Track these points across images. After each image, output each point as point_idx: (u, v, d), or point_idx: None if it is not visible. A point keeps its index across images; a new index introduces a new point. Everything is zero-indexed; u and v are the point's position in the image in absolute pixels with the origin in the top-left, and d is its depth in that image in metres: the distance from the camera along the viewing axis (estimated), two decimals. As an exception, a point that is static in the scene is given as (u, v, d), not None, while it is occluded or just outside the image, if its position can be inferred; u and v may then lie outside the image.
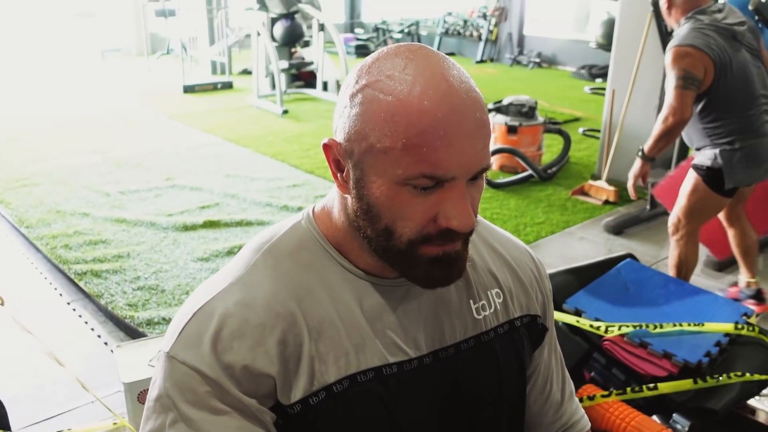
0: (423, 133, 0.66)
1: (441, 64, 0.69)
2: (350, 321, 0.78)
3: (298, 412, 0.75)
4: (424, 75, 0.67)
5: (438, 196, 0.69)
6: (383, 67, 0.70)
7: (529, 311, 0.94)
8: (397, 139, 0.66)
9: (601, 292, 2.22)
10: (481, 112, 0.69)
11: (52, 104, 7.39)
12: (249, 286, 0.77)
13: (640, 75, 4.20)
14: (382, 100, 0.67)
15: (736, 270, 3.32)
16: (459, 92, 0.68)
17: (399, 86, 0.67)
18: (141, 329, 2.62)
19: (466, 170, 0.69)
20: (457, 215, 0.70)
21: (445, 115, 0.66)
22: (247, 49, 9.29)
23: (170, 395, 0.73)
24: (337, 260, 0.80)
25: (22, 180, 4.55)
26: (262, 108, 7.25)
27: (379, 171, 0.69)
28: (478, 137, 0.68)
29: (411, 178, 0.68)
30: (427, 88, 0.66)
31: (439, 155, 0.66)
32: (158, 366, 0.76)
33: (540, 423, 1.02)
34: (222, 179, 4.66)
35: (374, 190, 0.70)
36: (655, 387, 1.83)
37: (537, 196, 4.40)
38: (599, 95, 7.66)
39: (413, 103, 0.66)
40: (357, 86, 0.71)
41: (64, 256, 3.29)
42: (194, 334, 0.74)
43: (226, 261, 3.25)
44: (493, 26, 11.75)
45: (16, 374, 2.38)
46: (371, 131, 0.68)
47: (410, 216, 0.70)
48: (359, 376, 0.77)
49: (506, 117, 4.94)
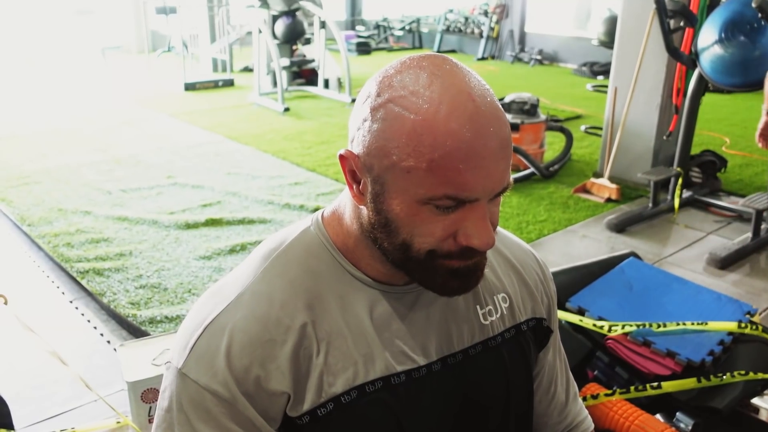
0: (448, 155, 0.65)
1: (466, 81, 0.68)
2: (359, 330, 0.78)
3: (306, 423, 0.75)
4: (450, 93, 0.66)
5: (459, 215, 0.69)
6: (406, 82, 0.68)
7: (535, 314, 0.94)
8: (422, 160, 0.66)
9: (604, 291, 2.22)
10: (505, 132, 0.68)
11: (52, 102, 7.38)
12: (258, 297, 0.76)
13: (643, 72, 4.19)
14: (407, 118, 0.66)
15: (738, 268, 3.32)
16: (485, 113, 0.67)
17: (425, 105, 0.66)
18: (143, 328, 2.62)
19: (490, 191, 0.69)
20: (478, 234, 0.70)
21: (472, 137, 0.65)
22: (248, 46, 9.27)
23: (185, 411, 0.73)
24: (347, 268, 0.80)
25: (24, 178, 4.54)
26: (264, 106, 7.24)
27: (400, 189, 0.69)
28: (502, 158, 0.68)
29: (434, 198, 0.67)
30: (454, 109, 0.65)
31: (464, 177, 0.66)
32: (169, 379, 0.76)
33: (545, 423, 1.02)
34: (223, 177, 4.66)
35: (394, 206, 0.70)
36: (659, 386, 1.83)
37: (539, 194, 4.39)
38: (601, 93, 7.65)
39: (440, 124, 0.65)
40: (379, 100, 0.69)
41: (66, 254, 3.29)
42: (206, 351, 0.74)
43: (229, 259, 3.27)
44: (494, 23, 11.73)
45: (19, 373, 2.38)
46: (394, 149, 0.67)
47: (431, 233, 0.70)
48: (367, 387, 0.77)
49: (508, 115, 4.92)
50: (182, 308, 2.79)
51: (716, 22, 3.50)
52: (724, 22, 3.45)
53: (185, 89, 8.18)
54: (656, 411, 1.84)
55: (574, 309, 2.15)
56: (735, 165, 5.02)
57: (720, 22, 3.47)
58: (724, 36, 3.46)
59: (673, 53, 3.85)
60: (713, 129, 6.22)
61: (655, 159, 4.44)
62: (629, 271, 2.33)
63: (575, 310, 2.15)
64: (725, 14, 3.46)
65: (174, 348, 0.78)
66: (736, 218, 3.96)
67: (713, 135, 6.02)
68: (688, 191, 4.18)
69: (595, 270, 2.34)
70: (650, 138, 4.41)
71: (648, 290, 2.24)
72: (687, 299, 2.18)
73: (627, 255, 2.45)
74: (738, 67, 3.48)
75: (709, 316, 2.06)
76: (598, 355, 2.03)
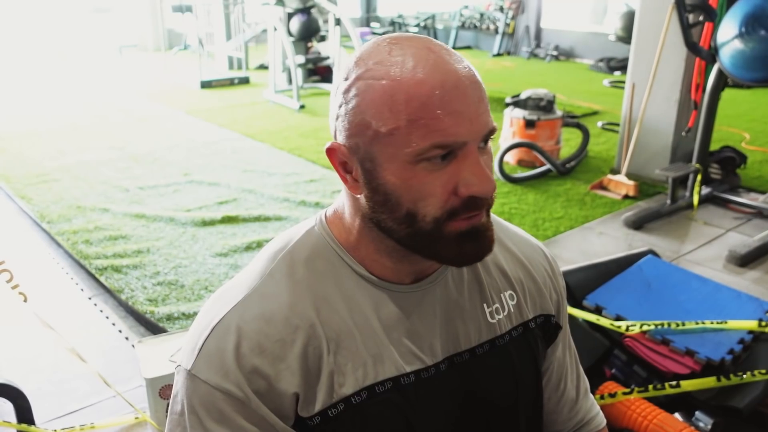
0: (424, 105, 0.66)
1: (422, 40, 0.71)
2: (367, 331, 0.77)
3: (317, 424, 0.75)
4: (411, 51, 0.68)
5: (454, 166, 0.69)
6: (369, 57, 0.70)
7: (543, 311, 0.93)
8: (400, 118, 0.67)
9: (622, 289, 2.20)
10: (473, 74, 0.70)
11: (69, 100, 7.45)
12: (266, 298, 0.76)
13: (661, 68, 4.14)
14: (377, 85, 0.68)
15: (758, 266, 3.28)
16: (449, 60, 0.69)
17: (391, 68, 0.68)
18: (161, 324, 2.64)
19: (475, 133, 0.68)
20: (477, 181, 0.69)
21: (441, 82, 0.66)
22: (264, 44, 9.29)
23: (197, 413, 0.73)
24: (353, 267, 0.79)
25: (42, 176, 4.59)
26: (279, 103, 7.26)
27: (389, 156, 0.69)
28: (478, 99, 0.69)
29: (423, 152, 0.67)
30: (418, 61, 0.67)
31: (444, 123, 0.66)
32: (179, 381, 0.76)
33: (555, 420, 1.02)
34: (239, 174, 4.68)
35: (389, 177, 0.70)
36: (678, 384, 1.81)
37: (555, 191, 4.36)
38: (618, 88, 7.58)
39: (407, 78, 0.66)
40: (347, 82, 0.71)
41: (84, 251, 3.32)
42: (215, 351, 0.73)
43: (245, 256, 3.28)
44: (509, 19, 11.66)
45: (39, 369, 2.41)
46: (372, 118, 0.68)
47: (431, 193, 0.69)
48: (377, 387, 0.76)
49: (524, 111, 4.91)
50: (199, 305, 2.81)
51: (736, 17, 3.45)
52: (744, 16, 3.41)
53: (201, 87, 8.22)
54: (675, 410, 1.82)
55: (591, 307, 2.13)
56: (755, 161, 4.96)
57: (740, 17, 3.42)
58: (745, 30, 3.41)
59: (692, 48, 3.81)
60: (732, 125, 6.15)
61: (673, 155, 4.39)
62: (647, 268, 2.31)
63: (592, 308, 2.13)
64: (746, 8, 3.41)
65: (183, 351, 0.78)
66: (756, 215, 3.91)
67: (732, 131, 5.94)
68: (707, 188, 4.13)
69: (612, 267, 2.32)
70: (668, 134, 4.36)
71: (666, 288, 2.21)
72: (706, 297, 2.16)
73: (645, 252, 2.43)
74: (759, 62, 3.43)
75: (729, 314, 2.04)
76: (616, 353, 2.01)
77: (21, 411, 1.92)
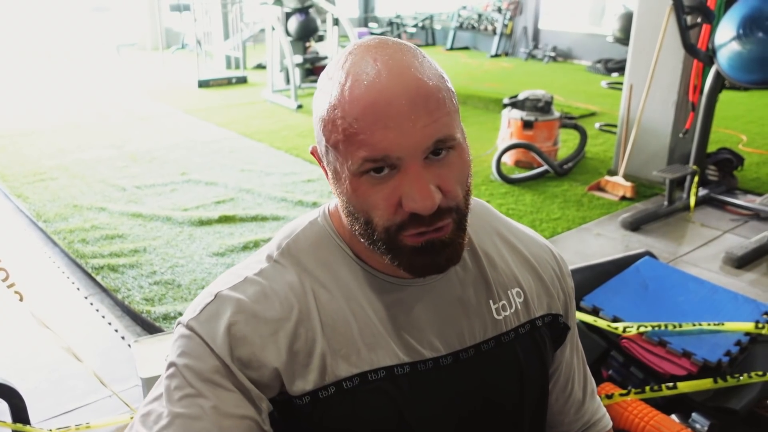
0: (357, 120, 0.67)
1: (378, 49, 0.70)
2: (364, 320, 0.78)
3: (305, 404, 0.76)
4: (357, 64, 0.69)
5: (396, 181, 0.69)
6: (329, 69, 0.73)
7: (551, 310, 0.93)
8: (339, 132, 0.69)
9: (620, 290, 2.20)
10: (418, 88, 0.68)
11: (68, 99, 7.44)
12: (268, 278, 0.79)
13: (659, 70, 4.15)
14: (324, 101, 0.71)
15: (755, 267, 3.29)
16: (390, 74, 0.68)
17: (335, 84, 0.70)
18: (158, 324, 2.64)
19: (411, 149, 0.68)
20: (416, 197, 0.68)
21: (375, 99, 0.67)
22: (262, 43, 9.29)
23: (177, 363, 0.75)
24: (353, 259, 0.81)
25: (39, 174, 4.58)
26: (277, 103, 7.25)
27: (340, 167, 0.72)
28: (417, 114, 0.67)
29: (358, 166, 0.69)
30: (356, 77, 0.68)
31: (375, 137, 0.67)
32: (174, 336, 0.79)
33: (561, 422, 1.01)
34: (237, 174, 4.67)
35: (345, 187, 0.72)
36: (675, 386, 1.81)
37: (553, 192, 4.37)
38: (616, 90, 7.58)
39: (345, 96, 0.68)
40: (315, 92, 0.76)
41: (81, 250, 3.31)
42: (213, 315, 0.76)
43: (242, 256, 3.28)
44: (507, 20, 11.67)
45: (35, 368, 2.40)
46: (322, 132, 0.72)
47: (375, 205, 0.71)
48: (370, 375, 0.77)
49: (522, 112, 4.91)
50: (196, 305, 2.80)
51: (734, 19, 3.46)
52: (742, 19, 3.41)
53: (199, 86, 8.21)
54: (672, 412, 1.82)
55: (589, 308, 2.13)
56: (752, 163, 4.97)
57: (738, 19, 3.43)
58: (742, 32, 3.42)
59: (690, 50, 3.81)
60: (730, 126, 6.16)
61: (670, 157, 4.40)
62: (644, 270, 2.31)
63: (589, 309, 2.13)
64: (743, 10, 3.42)
65: (185, 312, 0.80)
66: (752, 217, 3.92)
67: (730, 132, 5.95)
68: (704, 189, 4.14)
69: (609, 269, 2.32)
70: (666, 135, 4.37)
71: (663, 289, 2.21)
72: (703, 299, 2.16)
73: (642, 254, 2.43)
74: (756, 64, 3.44)
75: (726, 316, 2.04)
76: (613, 354, 2.01)
77: (16, 410, 1.91)
